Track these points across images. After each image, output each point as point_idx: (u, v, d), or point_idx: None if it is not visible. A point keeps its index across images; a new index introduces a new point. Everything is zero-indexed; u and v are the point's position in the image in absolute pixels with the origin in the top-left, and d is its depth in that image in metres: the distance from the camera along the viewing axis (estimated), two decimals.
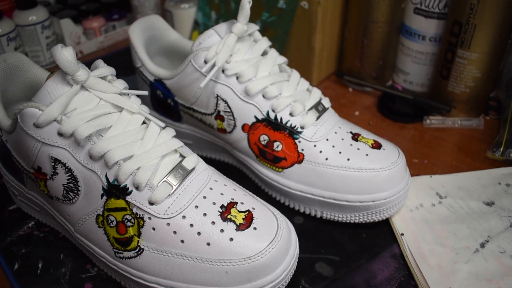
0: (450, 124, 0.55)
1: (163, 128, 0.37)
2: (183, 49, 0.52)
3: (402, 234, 0.40)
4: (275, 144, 0.42)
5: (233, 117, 0.43)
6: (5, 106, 0.41)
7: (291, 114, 0.42)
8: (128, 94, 0.38)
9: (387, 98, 0.59)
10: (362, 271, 0.38)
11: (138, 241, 0.35)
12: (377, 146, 0.42)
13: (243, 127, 0.43)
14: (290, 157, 0.42)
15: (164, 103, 0.48)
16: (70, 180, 0.36)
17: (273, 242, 0.34)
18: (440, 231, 0.40)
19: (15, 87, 0.43)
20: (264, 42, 0.44)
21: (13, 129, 0.37)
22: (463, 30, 0.50)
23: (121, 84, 0.38)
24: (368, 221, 0.41)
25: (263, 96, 0.42)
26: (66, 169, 0.35)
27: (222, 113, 0.44)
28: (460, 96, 0.54)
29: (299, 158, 0.42)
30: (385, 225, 0.42)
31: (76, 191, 0.36)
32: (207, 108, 0.44)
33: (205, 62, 0.42)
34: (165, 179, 0.35)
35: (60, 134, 0.35)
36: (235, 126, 0.44)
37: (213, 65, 0.41)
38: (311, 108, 0.42)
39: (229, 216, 0.35)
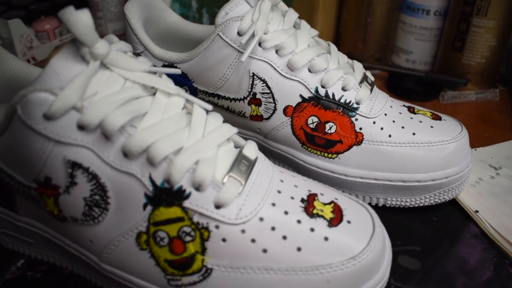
0: (467, 98, 0.53)
1: (208, 111, 0.29)
2: (186, 33, 0.44)
3: (477, 211, 0.36)
4: (327, 125, 0.36)
5: (273, 98, 0.36)
6: None
7: (343, 89, 0.36)
8: (156, 73, 0.29)
9: (398, 78, 0.55)
10: (451, 258, 0.33)
11: (202, 259, 0.26)
12: (437, 117, 0.37)
13: (286, 110, 0.36)
14: (346, 138, 0.36)
15: None
16: (95, 190, 0.26)
17: (374, 235, 0.27)
18: None
19: None
20: (293, 13, 0.38)
21: (3, 130, 0.27)
22: None
23: (146, 61, 0.29)
24: (439, 201, 0.37)
25: (309, 70, 0.36)
26: (90, 176, 0.26)
27: (258, 96, 0.36)
28: (475, 67, 0.52)
29: (358, 139, 0.36)
30: (451, 204, 0.38)
31: (103, 205, 0.27)
32: (238, 92, 0.37)
33: (239, 34, 0.35)
34: (230, 173, 0.27)
35: (81, 127, 0.25)
36: (275, 109, 0.37)
37: (252, 36, 0.34)
38: (361, 81, 0.37)
39: (315, 211, 0.27)
